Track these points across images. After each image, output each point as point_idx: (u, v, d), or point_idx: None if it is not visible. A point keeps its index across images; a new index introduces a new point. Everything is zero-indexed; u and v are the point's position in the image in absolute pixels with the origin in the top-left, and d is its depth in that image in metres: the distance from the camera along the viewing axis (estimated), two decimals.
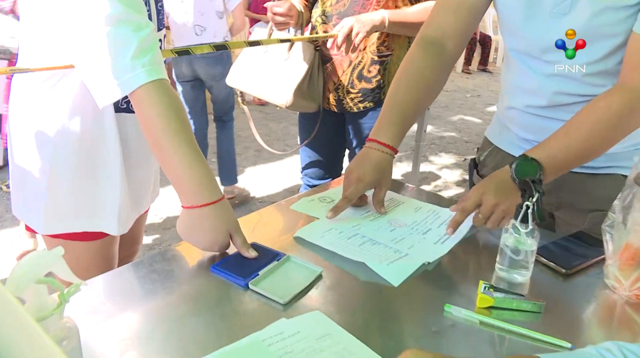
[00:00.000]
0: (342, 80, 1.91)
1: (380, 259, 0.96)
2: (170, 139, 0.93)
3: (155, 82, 0.95)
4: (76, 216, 1.17)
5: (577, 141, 1.02)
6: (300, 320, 0.78)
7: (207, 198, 0.92)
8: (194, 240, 0.95)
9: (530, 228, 0.91)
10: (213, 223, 0.93)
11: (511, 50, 1.19)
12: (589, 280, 0.97)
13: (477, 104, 6.72)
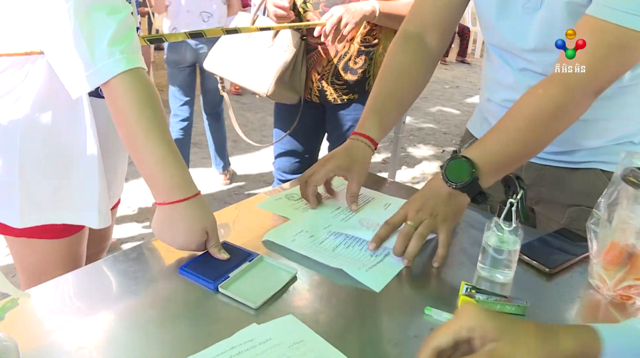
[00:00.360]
0: (327, 70, 1.86)
1: (358, 264, 0.91)
2: (144, 132, 0.88)
3: (132, 71, 0.89)
4: (54, 207, 1.11)
5: (514, 135, 0.96)
6: (272, 325, 0.74)
7: (182, 193, 0.88)
8: (168, 238, 0.90)
9: (514, 226, 0.87)
10: (188, 220, 0.87)
11: (489, 44, 1.17)
12: (572, 279, 0.94)
13: (456, 96, 6.73)
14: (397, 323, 0.80)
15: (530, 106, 0.96)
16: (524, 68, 1.08)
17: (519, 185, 0.85)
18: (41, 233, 1.12)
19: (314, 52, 1.86)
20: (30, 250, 1.16)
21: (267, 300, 0.79)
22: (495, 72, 1.16)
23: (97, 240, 1.35)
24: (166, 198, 0.88)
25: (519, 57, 1.08)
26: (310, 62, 1.88)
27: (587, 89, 0.94)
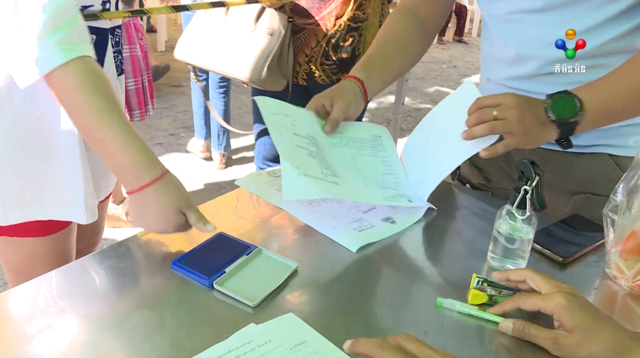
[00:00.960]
0: (316, 52, 1.78)
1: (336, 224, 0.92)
2: (98, 121, 0.83)
3: (75, 61, 0.83)
4: (38, 203, 1.05)
5: (630, 88, 0.89)
6: (272, 325, 0.69)
7: (148, 177, 0.83)
8: (145, 225, 0.86)
9: (528, 214, 0.82)
10: (159, 202, 0.83)
11: (489, 17, 1.09)
12: (587, 269, 0.89)
13: (453, 76, 6.64)
14: (406, 319, 0.75)
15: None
16: (529, 40, 1.01)
17: (534, 171, 0.80)
18: (26, 231, 1.07)
19: (301, 33, 1.77)
20: (15, 249, 1.11)
21: (265, 297, 0.74)
22: (495, 48, 1.10)
23: (88, 234, 1.30)
24: (134, 185, 0.83)
25: (524, 23, 1.00)
26: (297, 44, 1.79)
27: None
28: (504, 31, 1.04)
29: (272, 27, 1.72)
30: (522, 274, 0.75)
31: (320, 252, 0.87)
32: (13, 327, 0.69)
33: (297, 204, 0.97)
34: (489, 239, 0.88)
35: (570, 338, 0.66)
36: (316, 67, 1.80)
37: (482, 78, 1.21)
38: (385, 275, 0.85)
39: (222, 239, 0.85)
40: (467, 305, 0.74)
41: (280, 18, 1.71)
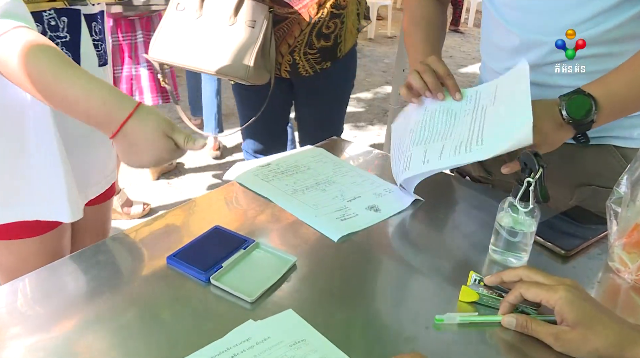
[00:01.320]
0: (299, 41, 1.71)
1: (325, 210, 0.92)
2: (55, 77, 0.79)
3: (16, 30, 0.79)
4: (22, 203, 1.02)
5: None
6: (271, 322, 0.67)
7: (123, 112, 0.78)
8: (139, 161, 0.82)
9: (531, 207, 0.80)
10: (143, 133, 0.79)
11: (491, 4, 1.07)
12: (590, 262, 0.88)
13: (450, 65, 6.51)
14: (406, 316, 0.73)
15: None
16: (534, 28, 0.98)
17: (537, 163, 0.78)
18: (15, 233, 1.05)
19: (283, 23, 1.70)
20: (5, 250, 1.08)
21: (263, 292, 0.72)
22: (497, 37, 1.07)
23: (93, 235, 1.26)
24: (114, 126, 0.78)
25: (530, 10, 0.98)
26: (279, 34, 1.71)
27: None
28: (508, 19, 1.02)
29: (253, 19, 1.62)
30: (518, 274, 0.73)
31: (319, 246, 0.85)
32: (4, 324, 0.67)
33: (281, 194, 0.97)
34: (489, 232, 0.87)
35: (573, 333, 0.65)
36: (300, 57, 1.74)
37: (483, 67, 1.19)
38: (385, 269, 0.84)
39: (219, 233, 0.83)
40: (467, 315, 0.72)
41: (260, 9, 1.62)
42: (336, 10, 1.69)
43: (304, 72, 1.77)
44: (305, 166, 1.08)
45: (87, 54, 1.06)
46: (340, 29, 1.73)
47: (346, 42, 1.77)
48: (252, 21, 1.62)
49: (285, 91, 1.86)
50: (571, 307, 0.65)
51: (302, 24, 1.68)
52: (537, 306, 0.72)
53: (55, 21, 0.97)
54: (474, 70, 6.40)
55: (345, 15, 1.72)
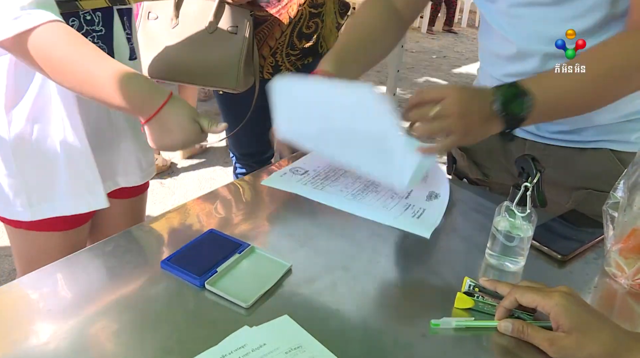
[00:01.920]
0: (281, 43, 1.66)
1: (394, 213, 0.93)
2: (97, 66, 0.87)
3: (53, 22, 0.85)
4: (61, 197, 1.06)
5: (587, 80, 0.85)
6: (266, 328, 0.66)
7: (159, 99, 0.89)
8: (169, 144, 0.92)
9: (528, 211, 0.80)
10: (176, 118, 0.90)
11: (486, 12, 1.05)
12: (586, 266, 0.87)
13: (443, 66, 6.62)
14: (403, 321, 0.73)
15: (614, 50, 0.86)
16: (530, 36, 0.98)
17: (535, 167, 0.78)
18: (38, 226, 1.07)
19: (263, 25, 1.64)
20: (29, 241, 1.12)
21: (259, 298, 0.71)
22: (495, 44, 1.07)
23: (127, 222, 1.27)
24: (150, 110, 0.88)
25: (526, 18, 0.97)
26: (260, 37, 1.65)
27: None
28: (505, 27, 1.01)
29: (235, 25, 1.55)
30: (511, 293, 0.71)
31: (314, 251, 0.84)
32: None
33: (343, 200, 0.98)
34: (486, 235, 0.86)
35: (568, 340, 0.64)
36: (282, 59, 1.70)
37: (481, 73, 1.18)
38: (381, 273, 0.83)
39: (214, 236, 0.83)
40: (463, 320, 0.71)
41: (239, 13, 1.55)
42: (314, 10, 1.66)
43: (286, 70, 1.73)
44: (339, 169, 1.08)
45: (120, 48, 1.09)
46: (321, 28, 1.70)
47: (328, 41, 1.75)
48: (234, 27, 1.55)
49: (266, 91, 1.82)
50: (567, 313, 0.65)
51: (282, 25, 1.64)
52: (533, 312, 0.72)
53: (91, 15, 1.01)
54: (468, 70, 6.41)
55: (324, 13, 1.69)
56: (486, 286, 0.76)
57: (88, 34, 1.01)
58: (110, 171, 1.16)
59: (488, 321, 0.72)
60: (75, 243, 1.16)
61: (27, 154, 1.02)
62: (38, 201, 1.05)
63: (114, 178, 1.17)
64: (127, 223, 1.22)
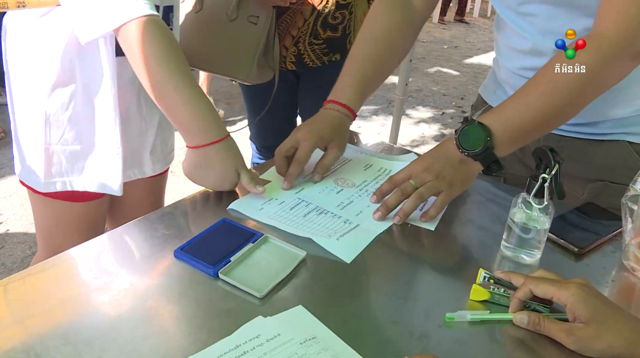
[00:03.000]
0: (304, 32, 1.62)
1: (329, 232, 0.84)
2: (174, 80, 0.90)
3: (153, 18, 0.90)
4: (78, 174, 1.11)
5: (536, 100, 0.86)
6: (281, 318, 0.66)
7: (215, 135, 0.90)
8: (202, 179, 0.93)
9: (545, 203, 0.79)
10: (221, 160, 0.91)
11: (502, 7, 1.04)
12: (603, 260, 0.86)
13: (455, 56, 6.57)
14: (418, 314, 0.72)
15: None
16: (544, 33, 0.97)
17: (553, 158, 0.76)
18: (56, 194, 1.12)
19: (286, 15, 1.60)
20: (47, 209, 1.17)
21: (273, 288, 0.71)
22: (510, 39, 1.05)
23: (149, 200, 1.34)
24: (201, 141, 0.90)
25: (538, 15, 0.97)
26: (282, 27, 1.62)
27: (623, 53, 0.84)
28: (519, 24, 1.00)
29: (256, 15, 1.52)
30: (525, 284, 0.70)
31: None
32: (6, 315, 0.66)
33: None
34: (502, 226, 0.85)
35: (586, 330, 0.64)
36: (305, 48, 1.66)
37: (497, 65, 1.16)
38: (395, 263, 0.82)
39: (227, 226, 0.82)
40: (478, 313, 0.71)
41: (263, 2, 1.54)
42: (342, 1, 1.61)
43: (310, 62, 1.69)
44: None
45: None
46: (349, 20, 1.64)
47: (356, 33, 1.63)
48: (254, 17, 1.53)
49: (291, 84, 1.79)
50: (584, 304, 0.65)
51: (305, 13, 1.60)
52: (549, 304, 0.71)
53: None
54: (479, 61, 6.36)
55: (353, 4, 1.63)
56: (501, 278, 0.75)
57: None
58: (137, 159, 1.19)
59: (503, 314, 0.71)
60: (93, 216, 1.21)
61: (58, 131, 1.06)
62: (55, 174, 1.09)
63: (141, 167, 1.21)
64: (148, 201, 1.32)
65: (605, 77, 0.86)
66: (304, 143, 0.97)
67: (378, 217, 0.89)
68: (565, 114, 0.90)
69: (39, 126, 1.06)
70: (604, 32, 0.83)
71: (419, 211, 0.90)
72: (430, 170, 0.89)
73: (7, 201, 2.65)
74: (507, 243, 0.84)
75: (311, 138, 0.97)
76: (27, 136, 1.09)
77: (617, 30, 0.82)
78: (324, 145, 1.00)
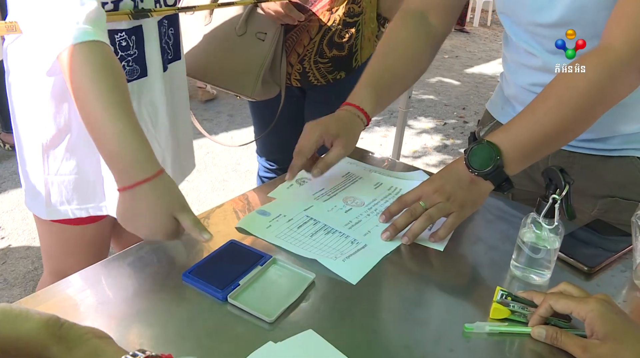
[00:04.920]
0: (309, 50, 1.61)
1: (335, 254, 0.84)
2: (104, 114, 0.80)
3: (91, 43, 0.82)
4: (80, 200, 1.10)
5: (544, 117, 0.85)
6: (291, 343, 0.65)
7: (141, 175, 0.78)
8: (132, 227, 0.81)
9: (555, 224, 0.78)
10: (149, 204, 0.78)
11: (511, 25, 1.04)
12: (614, 279, 0.85)
13: (455, 66, 6.58)
14: (431, 335, 0.71)
15: (562, 85, 0.86)
16: (554, 52, 0.96)
17: (563, 179, 0.76)
18: (63, 219, 1.11)
19: (292, 32, 1.59)
20: (52, 233, 1.17)
21: (282, 312, 0.70)
22: (520, 56, 1.05)
23: None
24: (127, 181, 0.78)
25: (546, 36, 0.96)
26: (289, 44, 1.62)
27: (630, 66, 0.83)
28: (528, 42, 1.00)
29: (264, 32, 1.52)
30: (545, 300, 0.70)
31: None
32: None
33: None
34: (511, 245, 0.85)
35: (603, 348, 0.63)
36: (310, 66, 1.65)
37: (505, 81, 1.16)
38: (406, 285, 0.82)
39: (235, 247, 0.82)
40: (496, 325, 0.71)
41: (272, 19, 1.53)
42: (350, 19, 1.60)
43: (315, 81, 1.68)
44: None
45: (152, 62, 1.09)
46: (355, 39, 1.63)
47: (363, 51, 1.67)
48: (262, 33, 1.53)
49: (297, 100, 1.79)
50: (602, 320, 0.64)
51: (312, 32, 1.60)
52: (568, 320, 0.70)
53: (126, 41, 1.02)
54: (480, 70, 6.36)
55: (360, 22, 1.62)
56: (521, 296, 0.74)
57: (123, 59, 1.02)
58: None
59: (521, 327, 0.71)
60: (97, 237, 1.20)
61: (55, 162, 1.05)
62: (55, 204, 1.08)
63: None
64: None
65: (613, 90, 0.86)
66: (307, 133, 0.96)
67: (386, 237, 0.88)
68: (575, 129, 0.89)
69: (38, 157, 1.04)
70: (612, 44, 0.83)
71: (428, 231, 0.90)
72: (441, 192, 0.88)
73: (9, 215, 2.65)
74: (516, 263, 0.83)
75: (316, 129, 0.95)
76: (29, 165, 1.08)
77: (624, 43, 0.82)
78: (329, 140, 0.97)
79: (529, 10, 0.95)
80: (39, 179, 1.07)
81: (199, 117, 3.98)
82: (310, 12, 1.56)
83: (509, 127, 0.89)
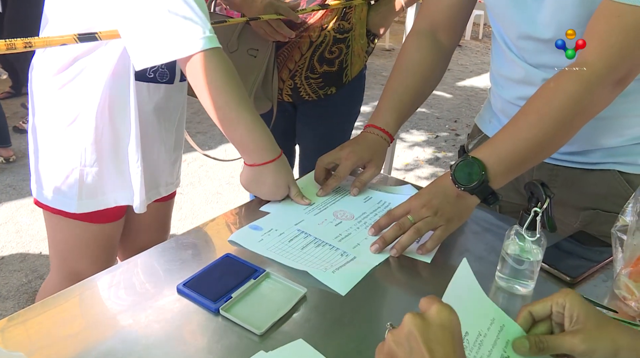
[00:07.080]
0: (300, 66, 1.64)
1: (325, 266, 0.86)
2: (236, 103, 1.00)
3: (218, 49, 0.99)
4: (107, 192, 1.20)
5: (526, 132, 0.89)
6: (282, 352, 0.67)
7: (268, 156, 1.02)
8: (257, 191, 1.05)
9: (537, 236, 0.81)
10: (274, 177, 1.03)
11: (497, 35, 1.09)
12: (595, 289, 0.88)
13: (447, 79, 6.65)
14: None
15: (542, 100, 0.90)
16: (538, 63, 1.01)
17: (544, 192, 0.79)
18: (80, 215, 1.19)
19: (284, 48, 1.63)
20: (65, 230, 1.24)
21: (273, 324, 0.72)
22: (504, 67, 1.09)
23: (153, 229, 1.45)
24: (257, 160, 1.02)
25: (532, 51, 1.00)
26: (280, 60, 1.64)
27: (605, 80, 0.87)
28: (515, 52, 1.04)
29: (256, 48, 1.56)
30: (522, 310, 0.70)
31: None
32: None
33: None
34: (497, 256, 0.87)
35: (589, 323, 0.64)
36: (301, 81, 1.68)
37: (492, 95, 1.20)
38: (395, 297, 0.84)
39: (230, 261, 0.84)
40: None
41: (263, 36, 1.55)
42: (340, 35, 1.63)
43: (306, 96, 1.71)
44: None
45: (178, 70, 1.23)
46: (345, 54, 1.67)
47: (353, 67, 1.72)
48: (254, 50, 1.56)
49: (289, 114, 1.82)
50: (581, 302, 0.65)
51: (302, 48, 1.63)
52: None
53: None
54: (472, 83, 6.43)
55: (350, 39, 1.66)
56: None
57: None
58: (155, 181, 1.29)
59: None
60: (108, 238, 1.28)
61: (88, 154, 1.15)
62: (87, 196, 1.18)
63: (157, 188, 1.32)
64: (157, 224, 1.43)
65: (590, 104, 0.89)
66: (345, 161, 1.10)
67: (375, 250, 0.91)
68: (556, 142, 0.92)
69: (69, 150, 1.14)
70: (587, 59, 0.86)
71: (415, 243, 0.92)
72: (429, 206, 0.91)
73: (2, 228, 2.65)
74: (501, 274, 0.86)
75: (352, 158, 1.10)
76: (55, 160, 1.16)
77: (599, 59, 0.85)
78: (362, 164, 1.12)
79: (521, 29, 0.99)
80: (72, 173, 1.15)
81: (193, 131, 4.01)
82: (301, 29, 1.59)
83: (493, 143, 0.93)
